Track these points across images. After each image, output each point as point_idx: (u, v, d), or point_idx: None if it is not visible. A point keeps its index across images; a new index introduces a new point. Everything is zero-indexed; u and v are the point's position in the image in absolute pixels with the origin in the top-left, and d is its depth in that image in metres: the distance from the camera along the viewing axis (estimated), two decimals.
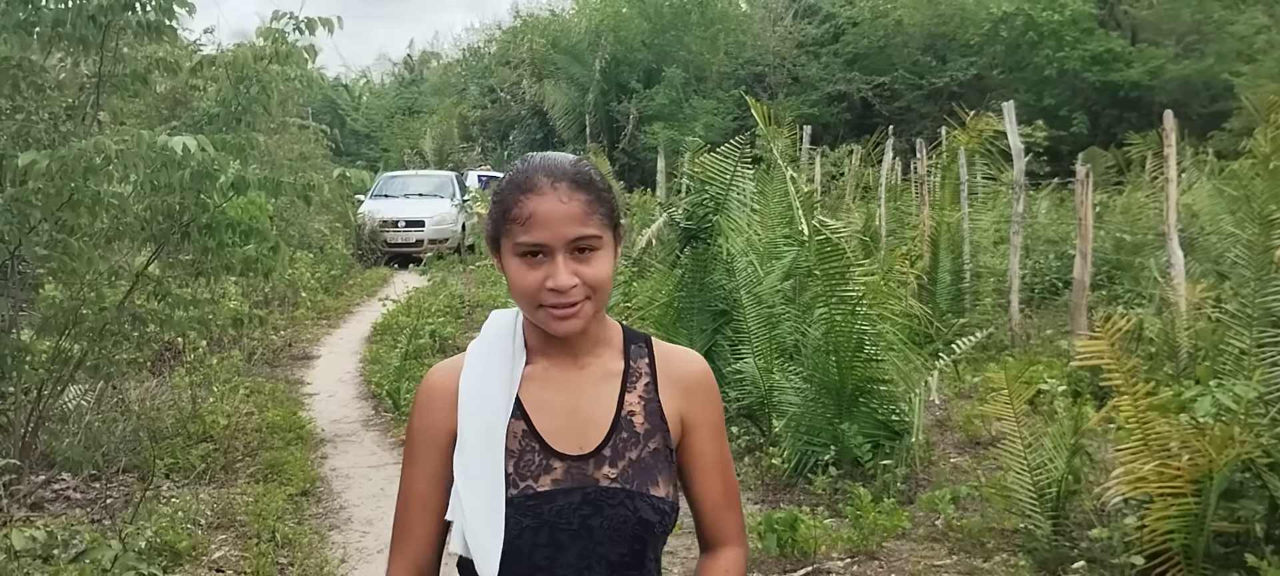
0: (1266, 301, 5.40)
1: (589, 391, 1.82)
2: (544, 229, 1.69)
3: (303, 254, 16.03)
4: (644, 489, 1.76)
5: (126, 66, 6.57)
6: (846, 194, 16.52)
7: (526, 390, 1.81)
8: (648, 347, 1.88)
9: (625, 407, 1.81)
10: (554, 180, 1.71)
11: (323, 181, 7.26)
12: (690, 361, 1.91)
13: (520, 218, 1.70)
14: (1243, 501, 4.73)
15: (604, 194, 1.76)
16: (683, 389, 1.86)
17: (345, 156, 35.94)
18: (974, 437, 7.45)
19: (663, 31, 33.52)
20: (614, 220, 1.77)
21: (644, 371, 1.85)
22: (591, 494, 1.75)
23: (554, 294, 1.70)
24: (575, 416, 1.80)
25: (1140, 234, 12.95)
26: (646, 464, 1.78)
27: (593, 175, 1.76)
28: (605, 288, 1.75)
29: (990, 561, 5.35)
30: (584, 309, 1.73)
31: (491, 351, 1.86)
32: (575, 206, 1.70)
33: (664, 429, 1.82)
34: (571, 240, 1.70)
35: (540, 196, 1.70)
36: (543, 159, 1.77)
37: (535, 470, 1.76)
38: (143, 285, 6.77)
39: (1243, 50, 27.04)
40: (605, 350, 1.85)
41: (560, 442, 1.78)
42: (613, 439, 1.78)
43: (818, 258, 6.83)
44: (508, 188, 1.75)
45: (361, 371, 10.67)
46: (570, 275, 1.70)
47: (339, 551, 5.82)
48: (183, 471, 6.88)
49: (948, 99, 25.94)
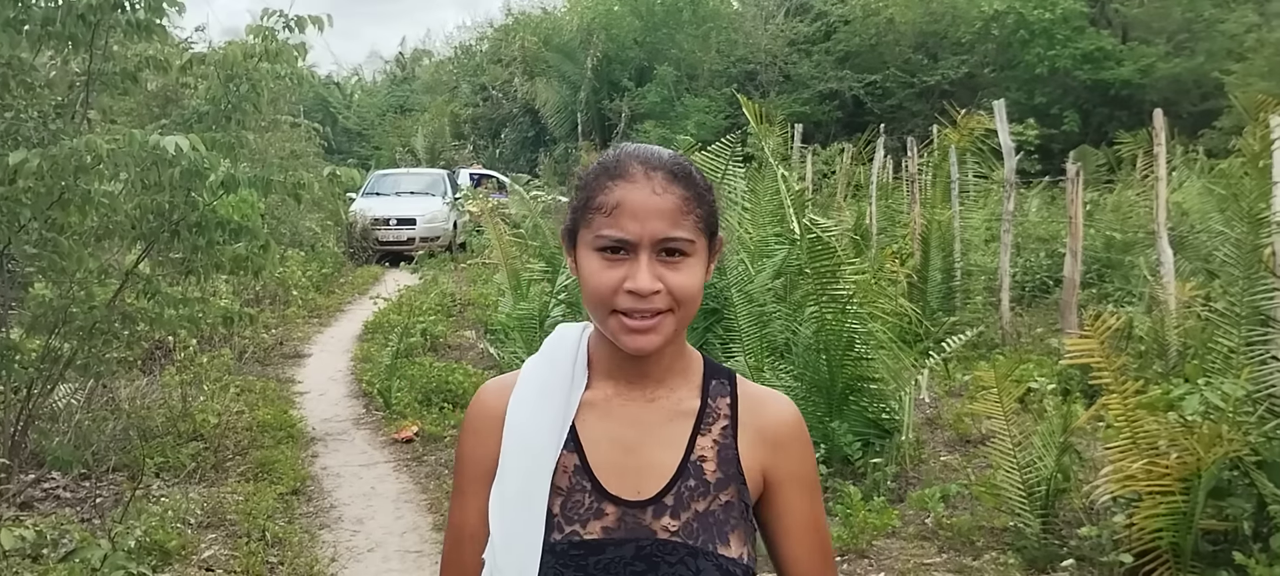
0: (1254, 300, 5.41)
1: (656, 428, 1.57)
2: (632, 221, 1.47)
3: (294, 252, 16.02)
4: (710, 547, 1.50)
5: (116, 65, 6.57)
6: (838, 192, 16.52)
7: (584, 419, 1.58)
8: (731, 386, 1.63)
9: (696, 451, 1.55)
10: (649, 169, 1.50)
11: (313, 180, 7.25)
12: (780, 407, 1.63)
13: (605, 206, 1.49)
14: (1231, 499, 4.76)
15: (704, 194, 1.54)
16: (768, 439, 1.59)
17: (337, 154, 35.92)
18: (964, 436, 7.47)
19: (654, 29, 33.53)
20: (711, 227, 1.55)
21: (723, 413, 1.59)
22: (647, 547, 1.50)
23: (632, 298, 1.47)
24: (636, 455, 1.55)
25: (1130, 232, 12.98)
26: (716, 518, 1.52)
27: (693, 171, 1.54)
28: (691, 303, 1.51)
29: (980, 559, 5.36)
30: (664, 324, 1.49)
31: (548, 372, 1.62)
32: (670, 200, 1.48)
33: (740, 481, 1.55)
34: (660, 240, 1.47)
35: (631, 184, 1.49)
36: (639, 146, 1.56)
37: (584, 513, 1.52)
38: (133, 283, 6.77)
39: (1233, 48, 27.16)
40: (681, 383, 1.60)
41: (615, 484, 1.53)
42: (677, 486, 1.53)
43: (809, 256, 6.84)
44: (595, 172, 1.55)
45: (353, 370, 10.66)
46: (653, 279, 1.47)
47: (329, 550, 5.82)
48: (173, 470, 6.86)
49: (939, 97, 25.98)
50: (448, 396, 8.80)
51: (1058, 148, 22.78)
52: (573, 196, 1.59)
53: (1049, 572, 5.15)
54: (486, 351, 10.32)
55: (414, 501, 6.64)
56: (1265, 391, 4.95)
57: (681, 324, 1.52)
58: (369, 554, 5.80)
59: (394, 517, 6.36)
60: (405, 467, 7.35)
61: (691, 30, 33.24)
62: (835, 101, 31.58)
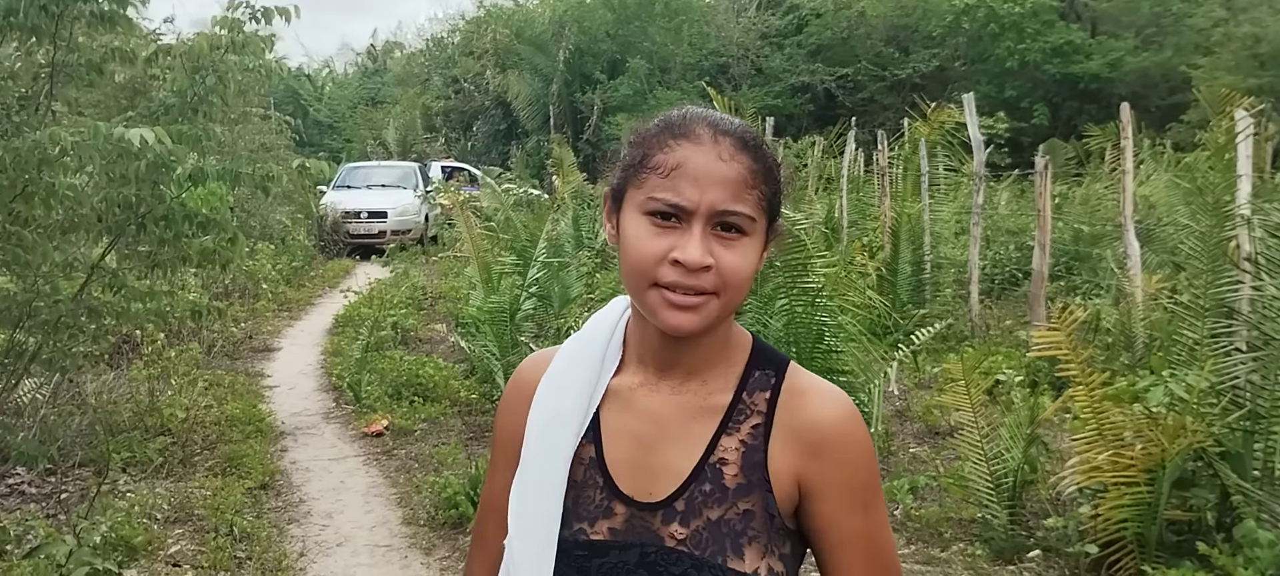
0: (1219, 292, 5.47)
1: (678, 424, 1.44)
2: (691, 186, 1.33)
3: (264, 245, 15.90)
4: (718, 559, 1.37)
5: (81, 56, 6.48)
6: (809, 185, 16.56)
7: (609, 408, 1.47)
8: (776, 377, 1.46)
9: (717, 453, 1.42)
10: (718, 132, 1.37)
11: (282, 172, 7.19)
12: (821, 404, 1.44)
13: (663, 166, 1.35)
14: (1194, 490, 4.82)
15: (773, 170, 1.40)
16: (804, 441, 1.42)
17: (308, 147, 35.73)
18: (933, 427, 7.52)
19: (626, 22, 33.52)
20: (774, 209, 1.41)
21: (758, 409, 1.44)
22: (651, 555, 1.39)
23: (677, 271, 1.33)
24: (654, 453, 1.43)
25: (1098, 225, 13.10)
26: (731, 528, 1.38)
27: (764, 145, 1.41)
28: (740, 288, 1.37)
29: (948, 551, 5.40)
30: (708, 306, 1.35)
31: (581, 353, 1.51)
32: (736, 170, 1.35)
33: (765, 488, 1.40)
34: (718, 212, 1.34)
35: (696, 146, 1.35)
36: (706, 110, 1.42)
37: (593, 511, 1.43)
38: (99, 277, 6.70)
39: (1200, 43, 27.47)
40: (717, 375, 1.46)
41: (628, 483, 1.43)
42: (690, 489, 1.40)
43: (779, 249, 6.85)
44: (655, 128, 1.41)
45: (323, 363, 10.61)
46: (705, 252, 1.33)
47: (298, 544, 5.79)
48: (139, 465, 6.81)
49: (910, 90, 26.08)
50: (418, 390, 8.78)
51: (1028, 141, 22.95)
52: (625, 154, 1.44)
53: (1016, 563, 5.19)
54: (458, 345, 10.28)
55: (384, 495, 6.62)
56: (1229, 383, 5.00)
57: (726, 310, 1.38)
58: (338, 548, 5.77)
59: (364, 512, 6.33)
60: (375, 462, 7.32)
61: (664, 23, 33.28)
62: (807, 94, 31.70)
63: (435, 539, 5.82)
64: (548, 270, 9.89)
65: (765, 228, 1.40)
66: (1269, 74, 24.02)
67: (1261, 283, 5.13)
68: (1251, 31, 25.47)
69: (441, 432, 7.90)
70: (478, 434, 7.88)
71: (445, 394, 8.78)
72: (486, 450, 7.09)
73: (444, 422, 8.18)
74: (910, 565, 5.27)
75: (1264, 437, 4.79)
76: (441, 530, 5.91)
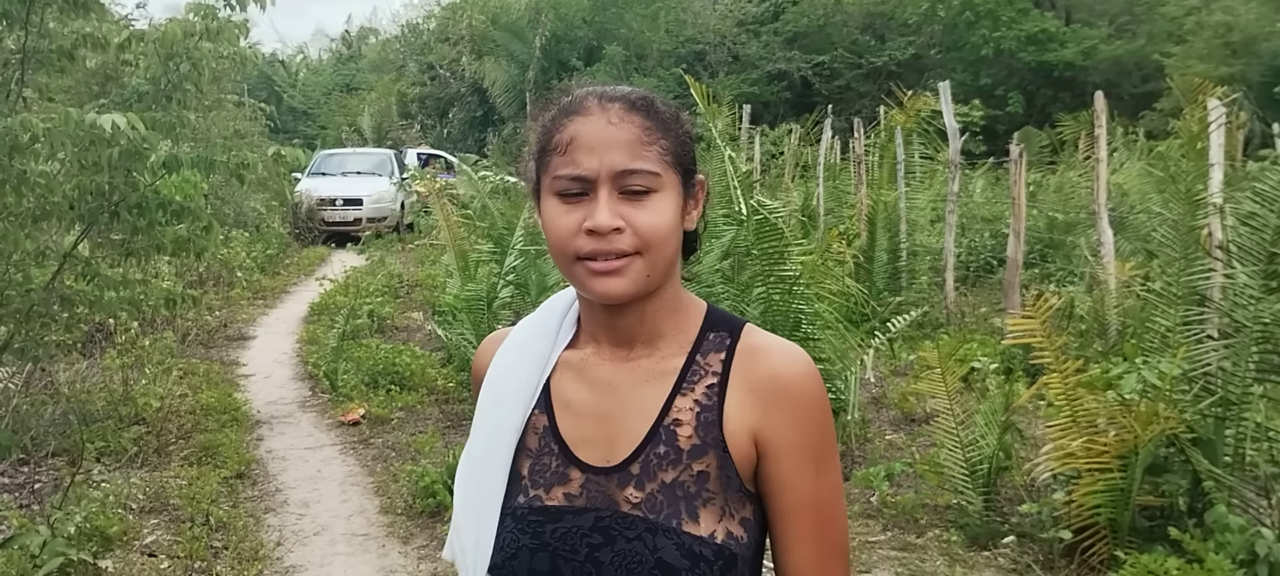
0: (1191, 280, 5.51)
1: (632, 390, 1.44)
2: (587, 156, 1.35)
3: (238, 232, 15.83)
4: (672, 522, 1.35)
5: (53, 42, 6.43)
6: (785, 173, 16.62)
7: (560, 378, 1.48)
8: (731, 339, 1.44)
9: (671, 414, 1.41)
10: (604, 101, 1.39)
11: (257, 160, 7.15)
12: (777, 359, 1.42)
13: (561, 145, 1.38)
14: (1167, 476, 4.87)
15: (670, 124, 1.41)
16: (759, 396, 1.40)
17: (282, 133, 35.50)
18: (909, 415, 7.55)
19: (603, 8, 33.47)
20: (683, 161, 1.41)
21: (712, 370, 1.43)
22: (605, 519, 1.38)
23: (592, 239, 1.35)
24: (609, 420, 1.43)
25: (1072, 213, 13.17)
26: (684, 490, 1.37)
27: (657, 101, 1.41)
28: (662, 244, 1.37)
29: (923, 537, 5.43)
30: (633, 267, 1.35)
31: (535, 329, 1.53)
32: (628, 131, 1.36)
33: (721, 448, 1.38)
34: (619, 173, 1.35)
35: (586, 118, 1.38)
36: (599, 83, 1.45)
37: (549, 478, 1.43)
38: (71, 266, 6.65)
39: (1173, 31, 27.67)
40: (669, 341, 1.45)
41: (584, 449, 1.42)
42: (645, 453, 1.39)
43: (756, 237, 6.86)
44: (552, 114, 1.43)
45: (298, 352, 10.57)
46: (613, 215, 1.34)
47: (274, 534, 5.77)
48: (114, 455, 6.77)
49: (886, 78, 26.21)
50: (394, 378, 8.75)
51: (1002, 128, 23.06)
52: (533, 143, 1.46)
53: (991, 549, 5.23)
54: (434, 332, 10.26)
55: (361, 484, 6.60)
56: (1200, 370, 5.04)
57: (655, 270, 1.37)
58: (315, 537, 5.76)
59: (340, 500, 6.32)
60: (351, 450, 7.31)
61: (640, 10, 33.23)
62: (783, 82, 31.74)
63: (413, 527, 5.81)
64: (525, 258, 9.86)
65: (680, 181, 1.41)
66: (1240, 62, 24.24)
67: (1233, 270, 5.17)
68: (1223, 20, 25.66)
69: (418, 421, 7.89)
70: (455, 422, 7.87)
71: (422, 382, 8.77)
72: (464, 439, 7.07)
73: (421, 411, 8.17)
74: (886, 551, 5.30)
75: (1235, 424, 4.84)
76: (419, 519, 5.90)
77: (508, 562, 1.41)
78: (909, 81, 19.26)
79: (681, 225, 1.41)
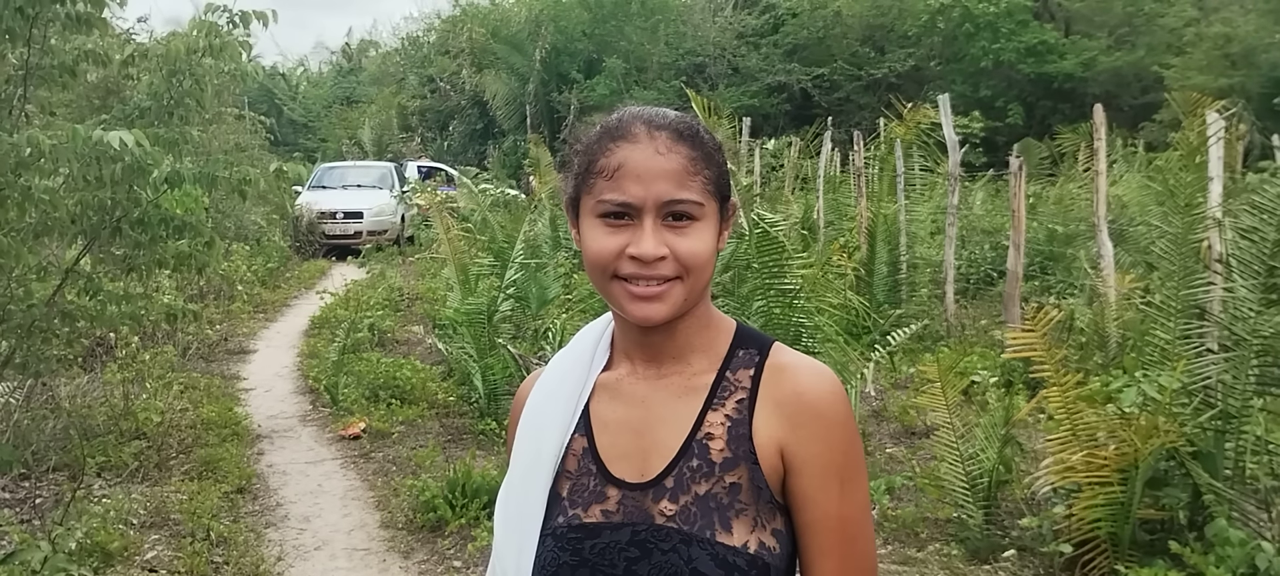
0: (1190, 293, 5.52)
1: (665, 406, 1.48)
2: (635, 184, 1.39)
3: (239, 246, 15.84)
4: (707, 533, 1.39)
5: (55, 58, 6.44)
6: (785, 185, 16.63)
7: (598, 400, 1.52)
8: (760, 356, 1.49)
9: (703, 429, 1.45)
10: (653, 128, 1.42)
11: (259, 175, 7.16)
12: (802, 376, 1.46)
13: (607, 169, 1.41)
14: (1167, 489, 4.87)
15: (713, 154, 1.45)
16: (786, 412, 1.44)
17: (282, 146, 35.60)
18: (909, 428, 7.56)
19: (603, 21, 33.51)
20: (722, 190, 1.46)
21: (742, 386, 1.47)
22: (642, 533, 1.41)
23: (635, 264, 1.40)
24: (643, 437, 1.47)
25: (1072, 225, 13.19)
26: (717, 502, 1.40)
27: (701, 130, 1.46)
28: (701, 270, 1.42)
29: (924, 551, 5.44)
30: (672, 292, 1.40)
31: (570, 358, 1.58)
32: (675, 161, 1.40)
33: (752, 460, 1.42)
34: (665, 203, 1.39)
35: (633, 145, 1.41)
36: (644, 107, 1.48)
37: (587, 497, 1.46)
38: (73, 281, 6.66)
39: (1172, 43, 27.68)
40: (700, 357, 1.50)
41: (619, 466, 1.46)
42: (678, 466, 1.43)
43: (757, 250, 6.88)
44: (597, 134, 1.46)
45: (299, 365, 10.58)
46: (658, 244, 1.38)
47: (275, 549, 5.77)
48: (115, 469, 6.78)
49: (886, 90, 26.19)
50: (395, 392, 8.76)
51: (1002, 140, 23.06)
52: (573, 161, 1.50)
53: (991, 563, 5.23)
54: (435, 346, 10.27)
55: (361, 498, 6.61)
56: (1200, 383, 5.05)
57: (692, 293, 1.43)
58: (316, 552, 5.76)
59: (341, 515, 6.33)
60: (352, 464, 7.31)
61: (640, 22, 33.27)
62: (783, 94, 31.77)
63: (413, 542, 5.81)
64: (525, 271, 9.89)
65: (717, 208, 1.45)
66: (1239, 73, 24.24)
67: (1232, 284, 5.18)
68: (1222, 31, 25.68)
69: (419, 435, 7.89)
70: (455, 436, 7.87)
71: (423, 396, 8.77)
72: (464, 453, 7.09)
73: (422, 425, 8.17)
74: (887, 565, 5.30)
75: (1235, 437, 4.85)
76: (420, 533, 5.91)
77: None
78: (909, 93, 19.27)
79: (716, 250, 1.46)
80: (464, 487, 6.06)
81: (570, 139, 1.53)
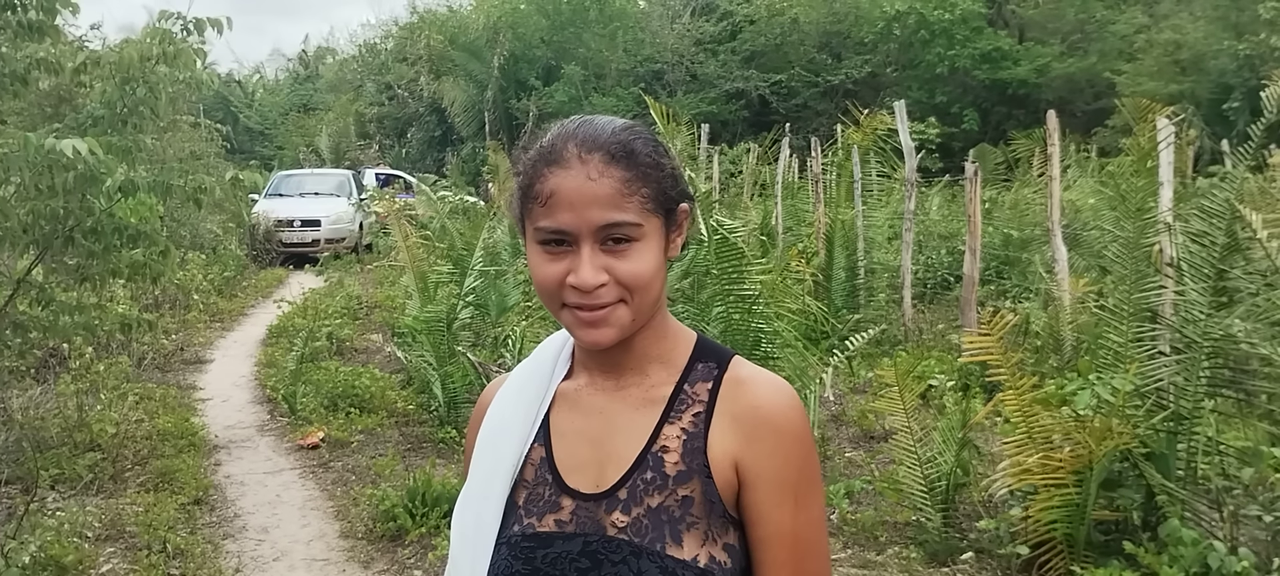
0: (1142, 297, 5.59)
1: (622, 418, 1.47)
2: (567, 212, 1.36)
3: (194, 255, 15.68)
4: (657, 546, 1.38)
5: (6, 66, 6.35)
6: (744, 192, 16.70)
7: (558, 410, 1.52)
8: (719, 369, 1.48)
9: (659, 442, 1.44)
10: (584, 151, 1.38)
11: (215, 184, 7.09)
12: (761, 391, 1.45)
13: (541, 196, 1.38)
14: (1121, 490, 4.94)
15: (649, 170, 1.40)
16: (742, 425, 1.42)
17: (239, 154, 35.29)
18: (868, 432, 7.61)
19: (561, 28, 33.54)
20: (665, 202, 1.42)
21: (700, 399, 1.46)
22: (593, 544, 1.40)
23: (577, 293, 1.38)
24: (600, 448, 1.46)
25: (1027, 230, 13.32)
26: (669, 515, 1.39)
27: (636, 145, 1.40)
28: (645, 289, 1.40)
29: (883, 554, 5.48)
30: (617, 314, 1.39)
31: (532, 367, 1.57)
32: (606, 186, 1.36)
33: (705, 474, 1.40)
34: (600, 227, 1.36)
35: (566, 171, 1.37)
36: (580, 123, 1.43)
37: (542, 507, 1.46)
38: (25, 291, 6.57)
39: (1124, 49, 28.10)
40: (658, 369, 1.49)
41: (575, 477, 1.46)
42: (633, 478, 1.42)
43: (716, 256, 6.90)
44: (532, 159, 1.42)
45: (257, 375, 10.49)
46: (596, 271, 1.36)
47: (233, 560, 5.72)
48: (69, 482, 6.70)
49: (843, 96, 26.41)
50: (354, 401, 8.71)
51: (958, 145, 23.30)
52: (516, 182, 1.46)
53: (950, 565, 5.28)
54: (394, 355, 10.22)
55: (320, 508, 6.57)
56: (1153, 385, 5.13)
57: (640, 311, 1.41)
58: (274, 563, 5.72)
59: (300, 525, 6.28)
60: (311, 474, 7.26)
61: (598, 29, 33.33)
62: (741, 101, 31.91)
63: (373, 552, 5.78)
64: (485, 278, 9.87)
65: (663, 222, 1.42)
66: (1189, 80, 24.63)
67: (1183, 287, 5.26)
68: (1172, 38, 26.08)
69: (378, 444, 7.85)
70: (415, 445, 7.84)
71: (382, 404, 8.73)
72: (424, 461, 7.06)
73: (381, 434, 8.13)
74: (847, 569, 5.33)
75: (1187, 438, 4.93)
76: (380, 543, 5.88)
77: None
78: (865, 99, 19.46)
79: (665, 261, 1.44)
80: (424, 496, 6.04)
81: (514, 155, 1.52)
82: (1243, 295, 5.32)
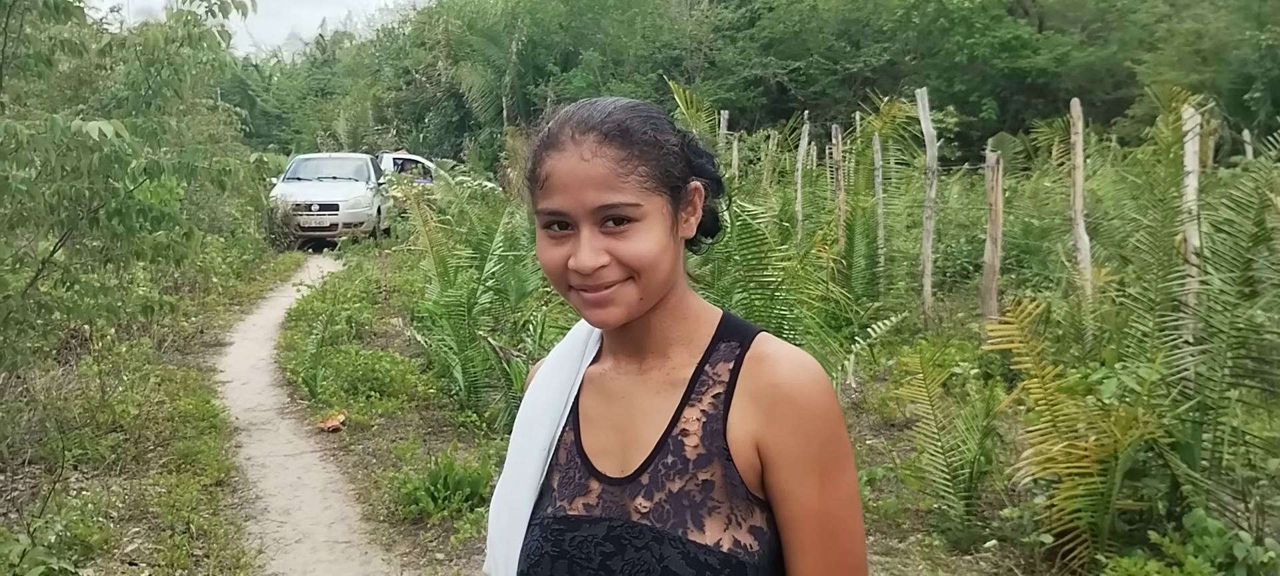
0: (1167, 286, 5.56)
1: (645, 400, 1.46)
2: (563, 195, 1.36)
3: (214, 238, 15.74)
4: (679, 531, 1.36)
5: (30, 47, 6.38)
6: (763, 179, 16.64)
7: (586, 395, 1.53)
8: (742, 348, 1.44)
9: (680, 425, 1.42)
10: (578, 133, 1.37)
11: (238, 166, 7.11)
12: (781, 368, 1.41)
13: (540, 180, 1.39)
14: (1146, 480, 4.92)
15: (646, 149, 1.38)
16: (761, 405, 1.39)
17: (256, 138, 35.39)
18: (889, 420, 7.59)
19: (579, 14, 33.47)
20: (668, 180, 1.40)
21: (720, 380, 1.43)
22: (617, 528, 1.40)
23: (579, 276, 1.38)
24: (625, 431, 1.46)
25: (1048, 219, 13.26)
26: (690, 499, 1.38)
27: (632, 124, 1.38)
28: (653, 268, 1.37)
29: (906, 541, 5.47)
30: (623, 293, 1.38)
31: (564, 352, 1.58)
32: (600, 167, 1.35)
33: (725, 457, 1.38)
34: (595, 209, 1.35)
35: (560, 154, 1.37)
36: (579, 106, 1.43)
37: (571, 490, 1.46)
38: (49, 272, 6.60)
39: (1144, 38, 27.93)
40: (680, 350, 1.47)
41: (602, 461, 1.46)
42: (654, 463, 1.42)
43: (737, 243, 6.89)
44: (535, 142, 1.43)
45: (276, 358, 10.52)
46: (595, 253, 1.35)
47: (256, 542, 5.75)
48: (92, 462, 6.73)
49: (862, 84, 26.29)
50: (374, 384, 8.73)
51: (977, 134, 23.19)
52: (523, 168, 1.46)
53: (972, 553, 5.26)
54: (413, 339, 10.24)
55: (342, 491, 6.59)
56: (1178, 375, 5.10)
57: (650, 290, 1.39)
58: (296, 545, 5.74)
59: (321, 508, 6.30)
60: (332, 457, 7.28)
61: (617, 15, 33.24)
62: (760, 88, 31.78)
63: (395, 535, 5.80)
64: (504, 264, 9.88)
65: (669, 198, 1.40)
66: (1210, 70, 24.46)
67: (1208, 277, 5.22)
68: (1193, 27, 25.89)
69: (399, 427, 7.87)
70: (435, 428, 7.86)
71: (402, 388, 8.74)
72: (445, 445, 7.08)
73: (401, 417, 8.14)
74: (869, 556, 5.31)
75: (1212, 428, 4.90)
76: (401, 526, 5.89)
77: (532, 570, 1.45)
78: (884, 88, 19.33)
79: (675, 239, 1.41)
80: (446, 480, 6.05)
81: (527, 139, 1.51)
82: (1268, 285, 5.28)
